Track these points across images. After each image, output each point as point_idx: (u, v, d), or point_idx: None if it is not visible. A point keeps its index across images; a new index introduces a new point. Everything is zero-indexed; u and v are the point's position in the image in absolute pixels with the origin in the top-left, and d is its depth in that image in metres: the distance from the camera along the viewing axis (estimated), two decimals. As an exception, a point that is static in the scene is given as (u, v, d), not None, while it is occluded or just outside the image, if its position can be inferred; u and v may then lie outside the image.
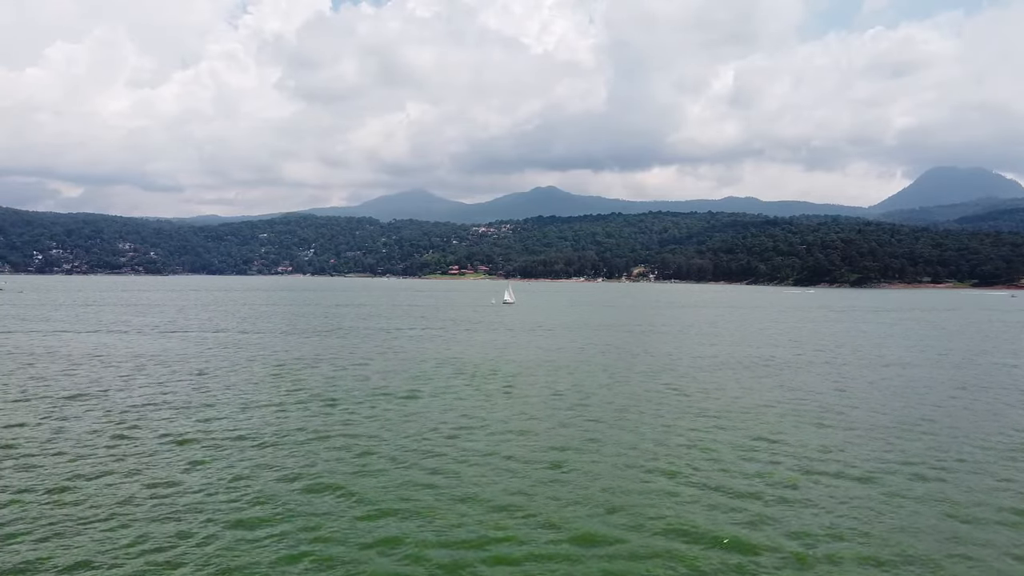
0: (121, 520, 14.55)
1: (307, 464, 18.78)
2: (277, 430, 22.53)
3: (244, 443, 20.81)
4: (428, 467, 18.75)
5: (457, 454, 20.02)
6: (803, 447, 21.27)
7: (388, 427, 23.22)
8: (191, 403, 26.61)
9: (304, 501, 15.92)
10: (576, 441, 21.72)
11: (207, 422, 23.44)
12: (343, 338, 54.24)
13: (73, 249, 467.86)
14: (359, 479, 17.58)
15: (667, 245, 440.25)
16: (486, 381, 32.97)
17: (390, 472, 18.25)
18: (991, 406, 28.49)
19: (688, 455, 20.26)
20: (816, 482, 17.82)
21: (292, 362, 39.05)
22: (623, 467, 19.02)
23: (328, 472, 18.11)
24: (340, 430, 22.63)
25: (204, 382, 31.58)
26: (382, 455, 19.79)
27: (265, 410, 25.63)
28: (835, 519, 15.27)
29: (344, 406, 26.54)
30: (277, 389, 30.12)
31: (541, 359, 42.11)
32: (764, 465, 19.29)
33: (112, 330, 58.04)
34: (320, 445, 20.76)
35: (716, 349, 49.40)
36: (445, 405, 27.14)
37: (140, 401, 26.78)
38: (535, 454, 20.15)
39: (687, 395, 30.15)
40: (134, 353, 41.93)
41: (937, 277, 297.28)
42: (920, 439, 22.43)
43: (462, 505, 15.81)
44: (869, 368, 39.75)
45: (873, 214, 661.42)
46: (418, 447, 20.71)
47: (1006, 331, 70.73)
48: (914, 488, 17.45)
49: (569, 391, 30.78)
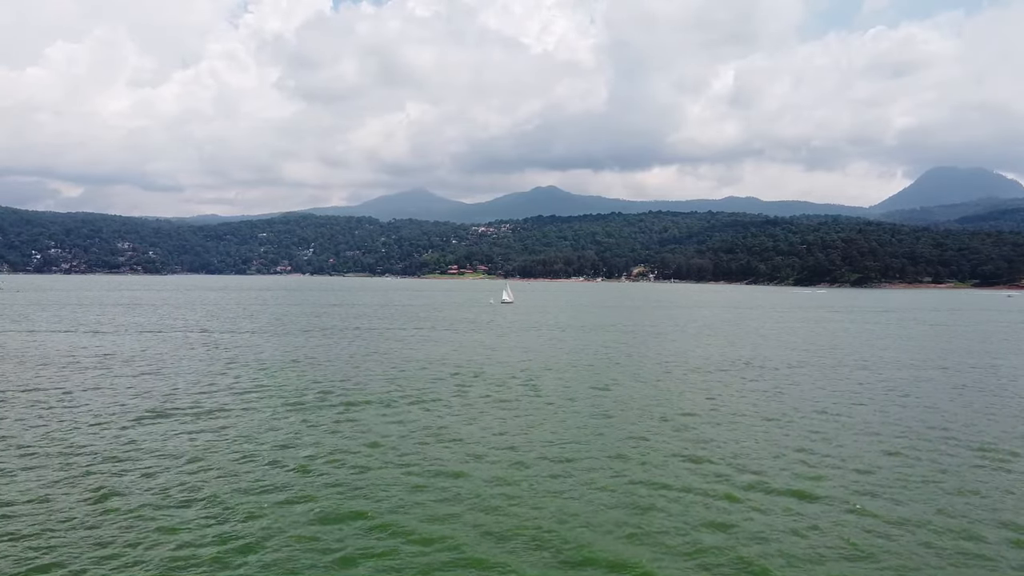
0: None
1: (223, 476, 17.23)
2: (211, 441, 20.96)
3: (172, 460, 19.26)
4: (364, 490, 17.19)
5: (407, 478, 18.44)
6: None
7: (337, 438, 21.63)
8: (137, 408, 25.06)
9: (219, 517, 14.38)
10: (547, 462, 20.15)
11: (151, 428, 21.91)
12: (325, 338, 52.69)
13: (72, 249, 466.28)
14: (286, 492, 16.03)
15: (667, 245, 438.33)
16: (467, 387, 31.33)
17: (311, 494, 16.71)
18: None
19: (672, 466, 18.72)
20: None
21: (259, 363, 37.45)
22: (597, 505, 17.46)
23: (238, 489, 16.56)
24: (275, 439, 21.08)
25: (161, 384, 30.04)
26: (314, 471, 18.22)
27: (216, 417, 24.09)
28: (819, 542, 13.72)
29: (299, 413, 24.99)
30: (237, 393, 28.56)
31: (528, 362, 40.59)
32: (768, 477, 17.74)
33: (90, 330, 56.50)
34: (245, 465, 19.02)
35: (732, 350, 47.89)
36: (410, 416, 25.57)
37: (89, 404, 25.24)
38: (503, 475, 18.57)
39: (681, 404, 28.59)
40: (103, 353, 40.39)
41: (938, 277, 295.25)
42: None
43: (392, 539, 14.27)
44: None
45: (873, 214, 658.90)
46: (360, 463, 19.09)
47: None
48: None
49: (554, 399, 29.23)
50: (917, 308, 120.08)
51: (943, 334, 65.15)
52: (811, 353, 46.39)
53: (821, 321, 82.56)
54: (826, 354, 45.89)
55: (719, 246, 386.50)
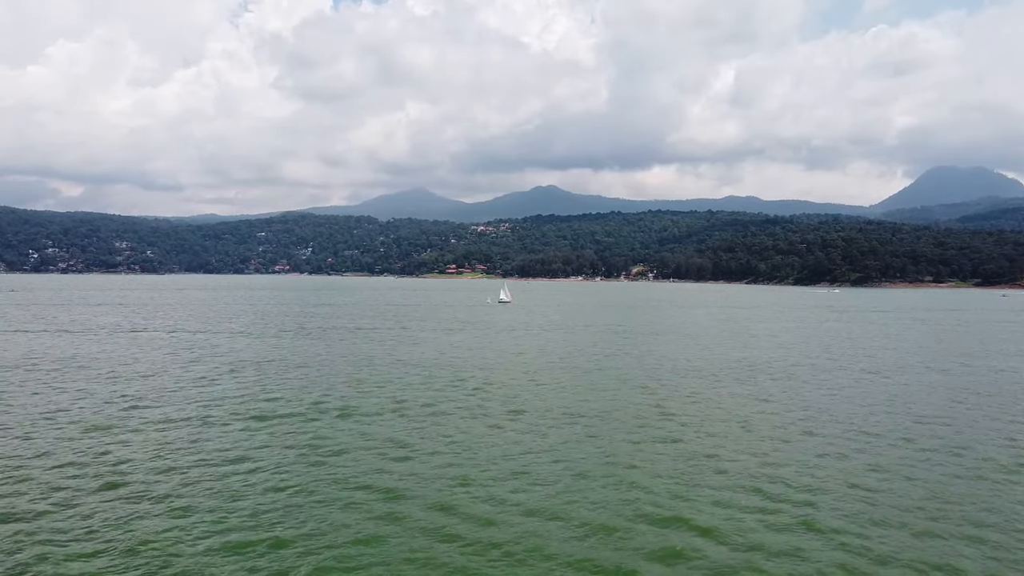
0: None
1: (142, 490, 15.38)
2: (157, 449, 19.12)
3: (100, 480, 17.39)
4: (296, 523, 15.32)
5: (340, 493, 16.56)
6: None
7: (281, 450, 19.78)
8: (80, 416, 23.21)
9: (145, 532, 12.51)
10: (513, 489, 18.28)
11: (90, 435, 20.06)
12: (304, 339, 50.82)
13: (69, 248, 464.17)
14: (216, 499, 14.18)
15: (666, 244, 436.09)
16: (442, 394, 29.33)
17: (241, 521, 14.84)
18: None
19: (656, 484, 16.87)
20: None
21: (226, 365, 35.59)
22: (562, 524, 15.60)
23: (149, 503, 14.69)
24: (220, 448, 19.23)
25: (103, 389, 28.19)
26: (254, 487, 16.38)
27: (172, 427, 22.23)
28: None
29: (248, 422, 23.14)
30: (191, 397, 26.70)
31: (515, 366, 38.77)
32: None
33: (62, 330, 54.67)
34: (185, 476, 17.29)
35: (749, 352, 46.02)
36: (374, 427, 23.72)
37: (28, 409, 23.39)
38: (455, 507, 16.71)
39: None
40: (67, 355, 38.56)
41: (939, 276, 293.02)
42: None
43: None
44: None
45: (874, 214, 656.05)
46: (290, 484, 17.24)
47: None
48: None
49: (531, 410, 27.39)
50: (939, 308, 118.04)
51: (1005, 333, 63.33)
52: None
53: (874, 323, 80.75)
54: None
55: (719, 245, 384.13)
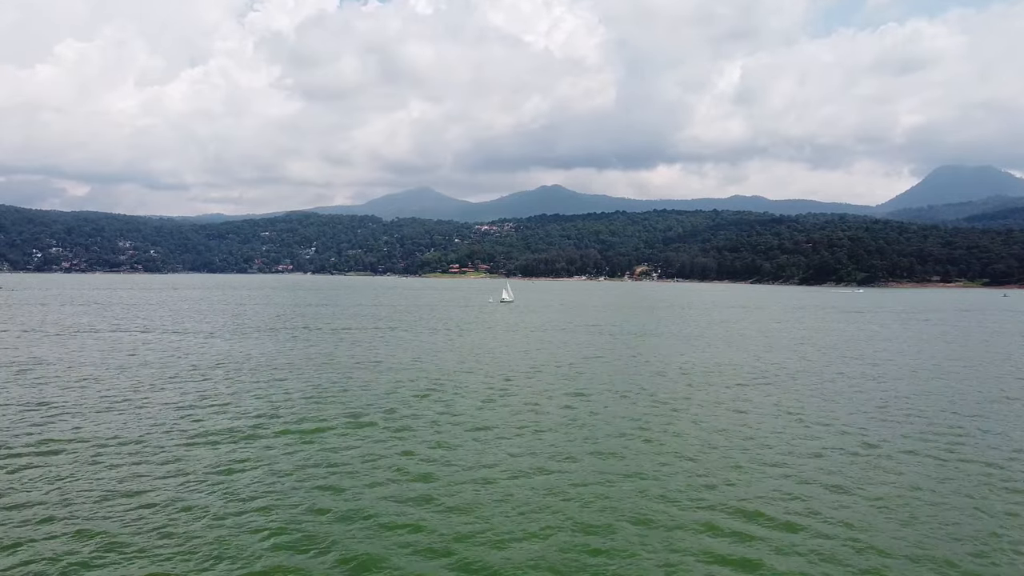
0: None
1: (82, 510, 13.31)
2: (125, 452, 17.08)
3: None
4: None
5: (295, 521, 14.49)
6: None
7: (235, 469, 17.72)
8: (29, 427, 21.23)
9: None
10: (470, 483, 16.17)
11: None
12: (290, 340, 48.84)
13: (73, 247, 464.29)
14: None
15: (671, 243, 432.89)
16: (422, 401, 27.33)
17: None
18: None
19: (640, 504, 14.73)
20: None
21: (197, 367, 33.59)
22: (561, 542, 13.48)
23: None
24: (181, 458, 17.19)
25: (89, 392, 26.21)
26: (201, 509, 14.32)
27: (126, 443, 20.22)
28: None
29: (204, 433, 21.10)
30: (153, 401, 24.69)
31: (508, 369, 36.68)
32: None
33: (34, 330, 52.81)
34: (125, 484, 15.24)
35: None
36: (344, 441, 21.65)
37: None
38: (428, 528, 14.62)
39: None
40: (31, 357, 36.63)
41: (947, 276, 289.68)
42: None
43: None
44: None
45: (880, 213, 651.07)
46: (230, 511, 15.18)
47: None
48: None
49: (524, 421, 25.27)
50: (972, 309, 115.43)
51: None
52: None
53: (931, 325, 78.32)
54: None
55: (723, 245, 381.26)
